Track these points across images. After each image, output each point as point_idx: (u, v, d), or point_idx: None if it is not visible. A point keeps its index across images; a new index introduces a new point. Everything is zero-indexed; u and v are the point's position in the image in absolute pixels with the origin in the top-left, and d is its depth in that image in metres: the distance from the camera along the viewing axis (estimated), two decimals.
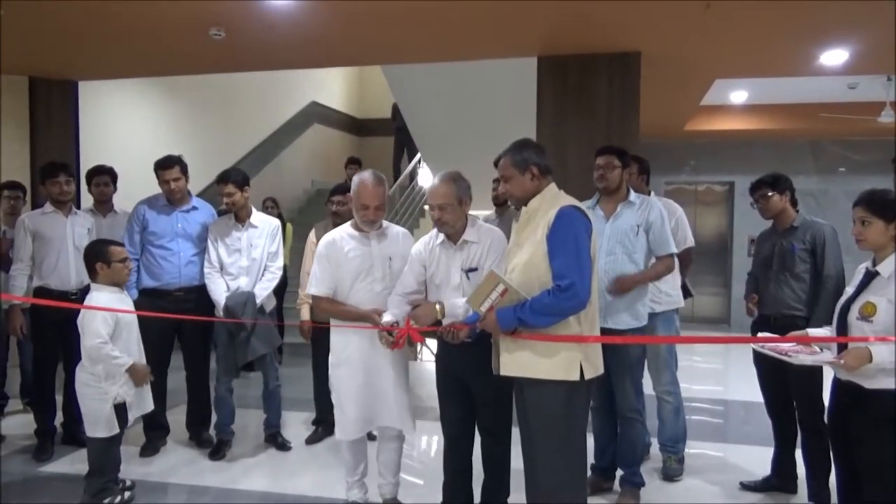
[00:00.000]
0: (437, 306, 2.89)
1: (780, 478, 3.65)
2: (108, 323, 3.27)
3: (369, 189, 3.09)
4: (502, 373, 2.58)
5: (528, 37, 4.65)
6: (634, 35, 4.56)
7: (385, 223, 3.27)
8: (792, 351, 2.63)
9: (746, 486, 3.71)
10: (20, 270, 4.13)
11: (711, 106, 8.08)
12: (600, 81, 4.93)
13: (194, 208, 4.29)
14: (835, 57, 5.01)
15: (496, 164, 2.72)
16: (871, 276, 2.56)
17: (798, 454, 3.56)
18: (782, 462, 3.66)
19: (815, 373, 3.37)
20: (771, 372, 3.55)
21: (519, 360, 2.52)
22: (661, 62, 5.02)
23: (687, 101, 6.86)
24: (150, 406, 3.53)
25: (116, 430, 3.32)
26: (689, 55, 5.03)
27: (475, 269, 2.92)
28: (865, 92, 7.19)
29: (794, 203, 3.54)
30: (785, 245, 3.47)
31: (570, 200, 2.59)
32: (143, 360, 3.45)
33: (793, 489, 3.63)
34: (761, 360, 3.62)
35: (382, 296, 3.14)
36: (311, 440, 4.45)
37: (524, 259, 2.54)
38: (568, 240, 2.45)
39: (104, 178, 4.73)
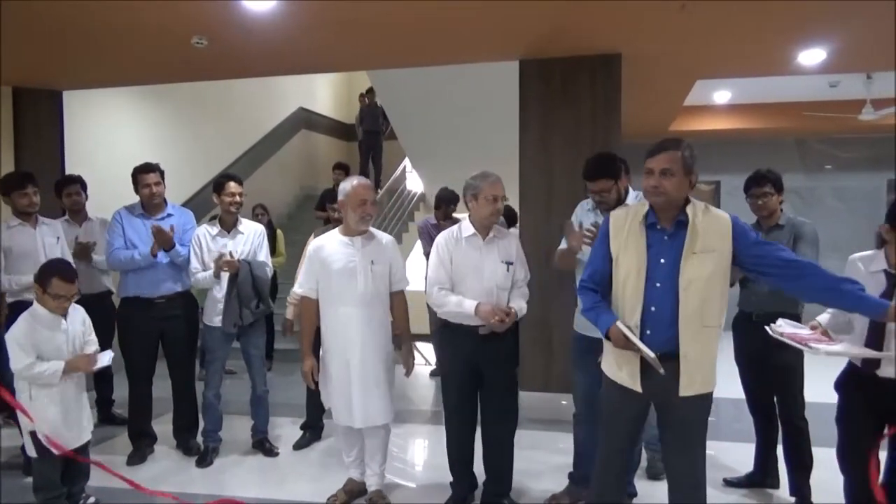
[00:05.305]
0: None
1: (763, 474, 3.69)
2: (26, 348, 3.12)
3: (367, 185, 3.38)
4: (693, 392, 2.50)
5: (511, 40, 4.68)
6: (613, 37, 4.59)
7: (371, 229, 3.46)
8: (813, 340, 2.61)
9: (730, 483, 3.74)
10: None
11: (695, 106, 8.14)
12: (583, 84, 4.95)
13: (169, 215, 4.28)
14: (812, 56, 5.06)
15: (655, 153, 2.34)
16: (892, 278, 2.59)
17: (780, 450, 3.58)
18: (764, 458, 3.68)
19: (797, 370, 3.42)
20: (753, 369, 3.60)
21: (704, 378, 2.52)
22: (642, 64, 5.06)
23: (670, 101, 6.90)
24: (84, 437, 3.37)
25: (34, 455, 3.19)
26: (668, 56, 5.07)
27: (512, 263, 3.27)
28: (847, 90, 7.26)
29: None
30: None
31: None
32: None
33: (775, 485, 3.66)
34: (743, 358, 3.66)
35: (365, 297, 3.33)
36: (298, 445, 4.45)
37: (708, 271, 2.38)
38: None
39: (75, 187, 4.74)
